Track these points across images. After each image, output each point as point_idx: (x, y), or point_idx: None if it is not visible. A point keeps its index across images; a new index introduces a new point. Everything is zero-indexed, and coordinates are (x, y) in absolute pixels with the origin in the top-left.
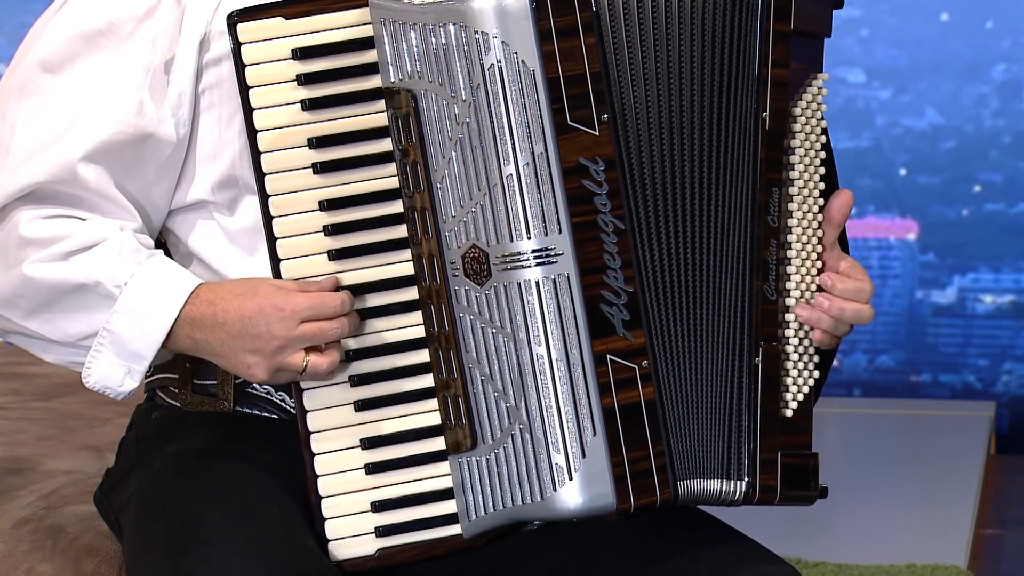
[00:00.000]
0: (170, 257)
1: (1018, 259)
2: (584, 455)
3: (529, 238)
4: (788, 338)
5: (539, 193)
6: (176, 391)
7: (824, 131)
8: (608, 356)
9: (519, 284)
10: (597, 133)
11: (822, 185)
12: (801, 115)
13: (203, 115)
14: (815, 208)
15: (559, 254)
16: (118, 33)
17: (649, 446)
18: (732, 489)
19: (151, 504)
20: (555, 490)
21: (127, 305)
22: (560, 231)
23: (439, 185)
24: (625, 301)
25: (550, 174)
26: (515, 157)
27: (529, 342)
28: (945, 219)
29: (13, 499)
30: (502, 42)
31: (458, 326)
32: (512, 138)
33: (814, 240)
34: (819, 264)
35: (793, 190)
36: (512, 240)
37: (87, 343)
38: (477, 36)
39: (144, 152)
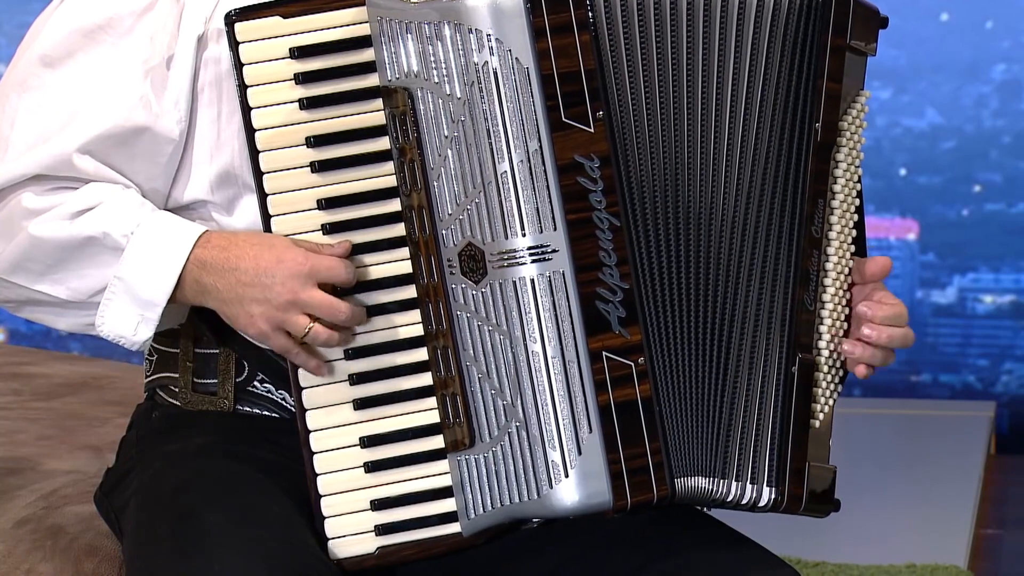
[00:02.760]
0: None
1: (1018, 259)
2: (580, 452)
3: (524, 235)
4: (820, 349)
5: (534, 190)
6: (176, 390)
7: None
8: (604, 353)
9: (515, 282)
10: (592, 130)
11: (857, 201)
12: (847, 130)
13: (202, 113)
14: (850, 223)
15: (554, 251)
16: (117, 28)
17: (646, 443)
18: (754, 495)
19: (151, 504)
20: (551, 487)
21: (136, 252)
22: (555, 228)
23: (435, 183)
24: (621, 298)
25: (545, 171)
26: (510, 154)
27: (525, 340)
28: (945, 219)
29: (13, 499)
30: (497, 40)
31: (455, 324)
32: (507, 135)
33: (848, 255)
34: (850, 280)
35: (835, 203)
36: (507, 237)
37: (98, 299)
38: (472, 34)
39: (140, 147)
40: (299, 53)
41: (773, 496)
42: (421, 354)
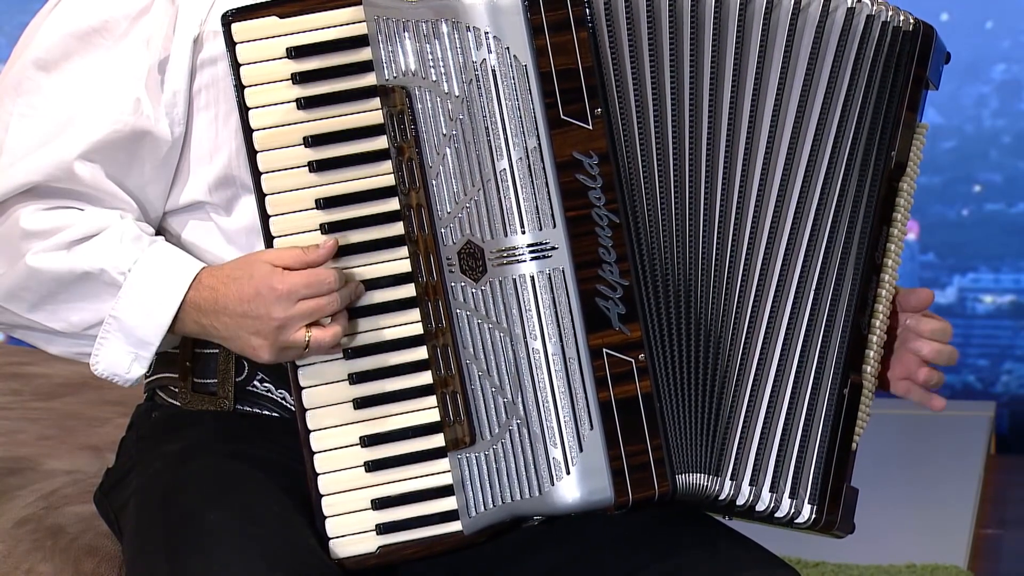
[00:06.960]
0: None
1: (1018, 259)
2: (581, 449)
3: (523, 233)
4: (866, 372)
5: (533, 188)
6: (176, 390)
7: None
8: (604, 350)
9: (514, 279)
10: (590, 127)
11: (906, 230)
12: (910, 159)
13: (199, 115)
14: (901, 250)
15: (554, 248)
16: (112, 32)
17: (647, 440)
18: (792, 509)
19: (151, 504)
20: (553, 484)
21: (132, 292)
22: (554, 225)
23: (434, 182)
24: (621, 295)
25: (544, 168)
26: (508, 152)
27: (525, 337)
28: (945, 219)
29: (13, 499)
30: (494, 38)
31: (455, 322)
32: (505, 133)
33: (894, 281)
34: (892, 305)
35: (894, 230)
36: (507, 235)
37: (92, 332)
38: (469, 32)
39: (140, 150)
40: (296, 53)
41: (813, 515)
42: (421, 353)
